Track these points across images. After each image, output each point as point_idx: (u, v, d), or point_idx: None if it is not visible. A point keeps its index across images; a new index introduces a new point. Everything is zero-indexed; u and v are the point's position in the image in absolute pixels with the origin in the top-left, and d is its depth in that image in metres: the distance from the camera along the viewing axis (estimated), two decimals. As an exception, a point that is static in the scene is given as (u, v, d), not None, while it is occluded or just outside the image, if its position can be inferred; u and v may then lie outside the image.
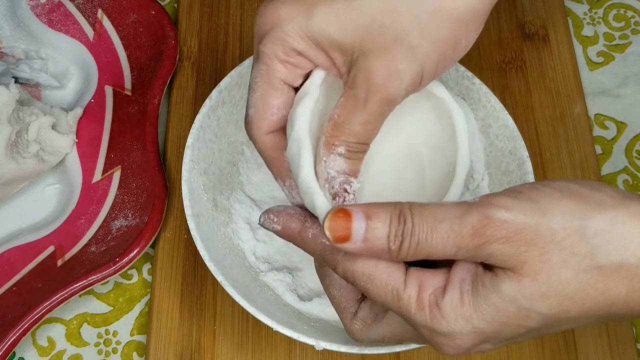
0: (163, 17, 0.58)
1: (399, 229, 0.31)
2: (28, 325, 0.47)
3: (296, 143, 0.36)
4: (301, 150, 0.35)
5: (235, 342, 0.50)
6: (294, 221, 0.36)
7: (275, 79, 0.37)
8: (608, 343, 0.50)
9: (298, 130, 0.36)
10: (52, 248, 0.51)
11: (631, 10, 0.64)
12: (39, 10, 0.59)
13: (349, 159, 0.36)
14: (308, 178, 0.35)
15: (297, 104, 0.37)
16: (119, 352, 0.51)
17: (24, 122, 0.52)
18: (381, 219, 0.31)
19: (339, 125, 0.35)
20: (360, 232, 0.31)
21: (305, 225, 0.36)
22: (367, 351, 0.42)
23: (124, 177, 0.53)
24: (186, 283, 0.51)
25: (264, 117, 0.37)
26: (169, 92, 0.58)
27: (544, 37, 0.61)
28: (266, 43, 0.36)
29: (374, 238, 0.31)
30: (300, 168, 0.35)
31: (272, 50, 0.36)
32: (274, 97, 0.37)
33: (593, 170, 0.56)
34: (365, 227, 0.31)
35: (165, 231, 0.53)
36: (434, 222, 0.31)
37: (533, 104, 0.59)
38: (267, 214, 0.37)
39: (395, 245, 0.31)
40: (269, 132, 0.38)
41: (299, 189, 0.36)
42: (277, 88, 0.37)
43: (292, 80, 0.37)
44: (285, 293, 0.48)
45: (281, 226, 0.36)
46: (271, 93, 0.37)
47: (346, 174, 0.36)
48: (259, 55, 0.37)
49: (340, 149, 0.35)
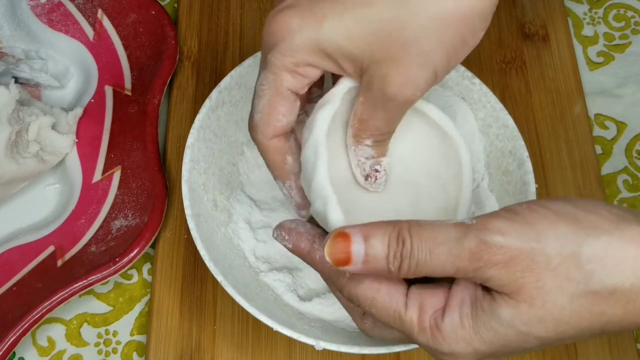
0: (163, 17, 0.58)
1: (398, 250, 0.32)
2: (28, 325, 0.47)
3: (313, 147, 0.37)
4: (318, 155, 0.36)
5: (235, 342, 0.50)
6: (303, 241, 0.37)
7: (283, 88, 0.37)
8: (608, 344, 0.50)
9: (316, 135, 0.37)
10: (52, 248, 0.51)
11: (631, 10, 0.64)
12: (39, 10, 0.59)
13: (376, 147, 0.39)
14: (323, 182, 0.36)
15: (318, 110, 0.38)
16: (119, 352, 0.51)
17: (24, 122, 0.52)
18: (379, 239, 0.32)
19: (363, 121, 0.38)
20: (359, 254, 0.32)
21: (314, 247, 0.37)
22: (367, 351, 0.42)
23: (124, 177, 0.53)
24: (186, 283, 0.51)
25: (270, 123, 0.38)
26: (169, 92, 0.58)
27: (544, 37, 0.61)
28: (275, 54, 0.36)
29: (374, 259, 0.32)
30: (316, 172, 0.36)
31: (281, 61, 0.36)
32: (281, 104, 0.38)
33: (593, 170, 0.56)
34: (364, 248, 0.32)
35: (165, 231, 0.53)
36: (433, 244, 0.31)
37: (533, 104, 0.59)
38: (279, 230, 0.38)
39: (395, 266, 0.32)
40: (273, 137, 0.39)
41: (310, 192, 0.37)
42: (284, 97, 0.37)
43: (299, 89, 0.38)
44: (285, 293, 0.48)
45: (291, 245, 0.38)
46: (278, 101, 0.37)
47: (375, 158, 0.39)
48: (267, 64, 0.37)
49: (368, 141, 0.38)
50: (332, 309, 0.47)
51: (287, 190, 0.41)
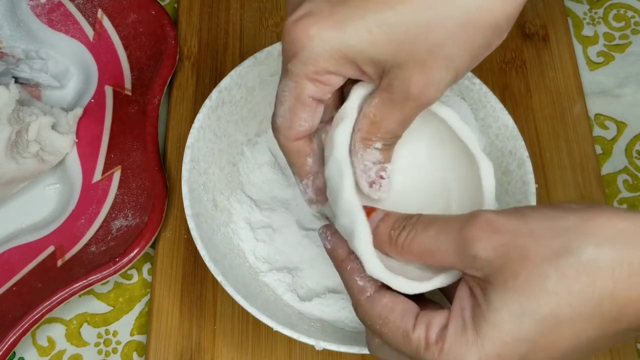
0: (163, 17, 0.58)
1: (404, 222, 0.36)
2: (28, 325, 0.47)
3: (336, 165, 0.37)
4: (342, 172, 0.37)
5: (235, 342, 0.50)
6: (342, 248, 0.38)
7: (304, 96, 0.37)
8: (608, 343, 0.50)
9: (337, 154, 0.37)
10: (52, 248, 0.51)
11: (631, 10, 0.64)
12: (39, 10, 0.59)
13: (384, 150, 0.39)
14: (351, 199, 0.36)
15: (336, 126, 0.38)
16: (119, 352, 0.51)
17: (24, 122, 0.52)
18: (394, 216, 0.36)
19: (375, 123, 0.37)
20: (375, 219, 0.37)
21: (350, 257, 0.38)
22: (366, 351, 0.42)
23: (124, 177, 0.53)
24: (186, 283, 0.51)
25: (292, 127, 0.38)
26: (169, 92, 0.58)
27: (544, 37, 0.61)
28: (296, 64, 0.36)
29: (383, 226, 0.36)
30: (343, 190, 0.37)
31: (302, 70, 0.36)
32: (302, 111, 0.37)
33: (593, 170, 0.56)
34: (381, 216, 0.37)
35: (165, 231, 0.53)
36: (433, 220, 0.35)
37: (533, 104, 0.58)
38: (325, 229, 0.40)
39: (395, 234, 0.35)
40: (295, 140, 0.39)
41: (337, 208, 0.38)
42: (305, 104, 0.37)
43: (321, 96, 0.37)
44: (285, 293, 0.48)
45: (330, 246, 0.39)
46: (299, 108, 0.37)
47: (381, 163, 0.39)
48: (288, 73, 0.37)
49: (377, 144, 0.38)
50: (332, 309, 0.47)
51: (303, 187, 0.41)
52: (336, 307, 0.47)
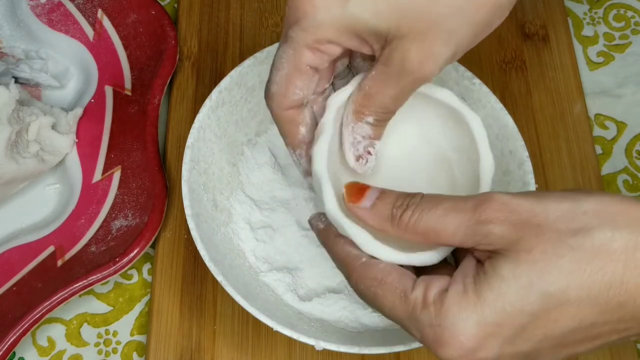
0: (163, 17, 0.58)
1: (406, 200, 0.34)
2: (28, 325, 0.47)
3: (317, 179, 0.38)
4: (322, 187, 0.38)
5: (235, 342, 0.50)
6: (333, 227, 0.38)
7: (302, 64, 0.37)
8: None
9: (317, 169, 0.38)
10: (52, 248, 0.51)
11: (631, 10, 0.64)
12: (39, 10, 0.59)
13: (375, 126, 0.38)
14: (333, 212, 0.37)
15: (315, 141, 0.39)
16: (119, 352, 0.51)
17: (24, 122, 0.52)
18: (394, 193, 0.35)
19: (369, 96, 0.37)
20: (372, 196, 0.35)
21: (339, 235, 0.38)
22: (367, 351, 0.42)
23: (124, 177, 0.53)
24: (186, 283, 0.51)
25: (286, 96, 0.38)
26: (169, 92, 0.58)
27: (544, 37, 0.61)
28: (297, 30, 0.36)
29: (382, 204, 0.35)
30: (325, 204, 0.38)
31: (302, 37, 0.36)
32: (298, 79, 0.38)
33: (593, 170, 0.56)
34: (377, 194, 0.35)
35: (165, 231, 0.53)
36: (440, 200, 0.34)
37: (533, 104, 0.58)
38: (317, 215, 0.40)
39: (398, 213, 0.34)
40: (288, 109, 0.39)
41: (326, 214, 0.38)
42: (302, 72, 0.37)
43: (319, 64, 0.37)
44: (285, 293, 0.48)
45: (324, 226, 0.39)
46: (296, 75, 0.37)
47: (371, 139, 0.39)
48: (288, 39, 0.37)
49: (369, 118, 0.38)
50: (332, 309, 0.47)
51: (297, 157, 0.41)
52: (336, 307, 0.47)
